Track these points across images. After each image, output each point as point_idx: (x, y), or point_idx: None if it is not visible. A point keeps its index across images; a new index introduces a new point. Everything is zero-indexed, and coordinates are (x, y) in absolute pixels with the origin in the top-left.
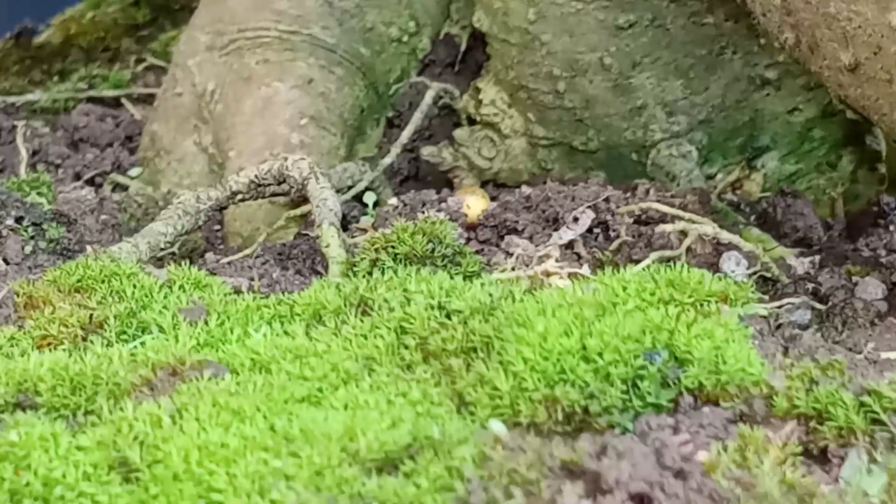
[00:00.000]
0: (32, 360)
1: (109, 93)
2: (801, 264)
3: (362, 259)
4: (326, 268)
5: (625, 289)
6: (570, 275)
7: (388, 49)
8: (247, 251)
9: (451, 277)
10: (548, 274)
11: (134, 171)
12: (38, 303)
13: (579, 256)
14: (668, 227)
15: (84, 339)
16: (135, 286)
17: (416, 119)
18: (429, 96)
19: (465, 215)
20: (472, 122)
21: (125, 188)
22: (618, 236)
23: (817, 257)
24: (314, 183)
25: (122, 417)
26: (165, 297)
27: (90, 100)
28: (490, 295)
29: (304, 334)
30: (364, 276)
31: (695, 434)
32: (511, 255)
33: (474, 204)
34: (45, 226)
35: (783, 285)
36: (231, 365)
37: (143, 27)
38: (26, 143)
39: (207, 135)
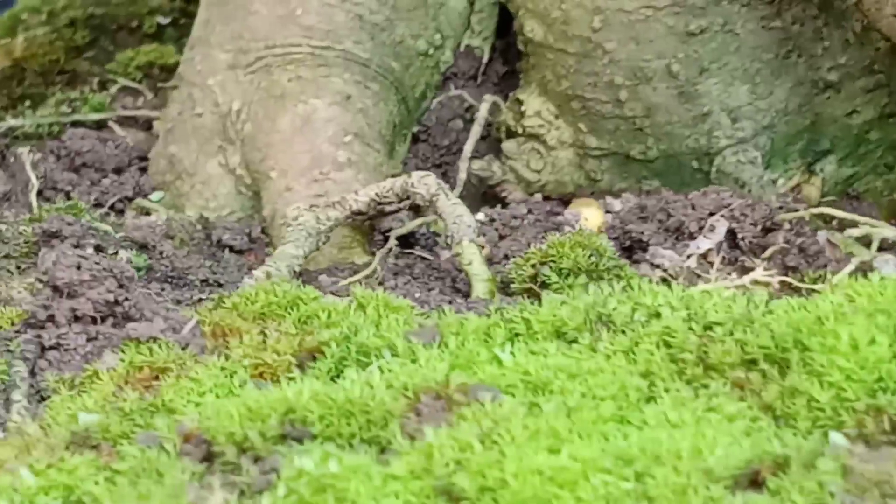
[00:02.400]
0: (292, 389)
1: (95, 116)
2: None
3: (520, 274)
4: (469, 286)
5: (882, 294)
6: (780, 283)
7: (415, 63)
8: (364, 272)
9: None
10: (756, 283)
11: (155, 196)
12: (226, 331)
13: (712, 265)
14: (854, 232)
15: (299, 367)
16: (327, 311)
17: (476, 132)
18: (484, 108)
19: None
20: (510, 134)
21: (146, 213)
22: (748, 244)
23: None
24: (444, 199)
25: (427, 444)
26: (367, 320)
27: (73, 124)
28: (753, 305)
29: (556, 352)
30: (581, 291)
31: None
32: (657, 266)
33: (592, 216)
34: (121, 253)
35: None
36: (499, 386)
37: (86, 48)
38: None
39: (234, 155)
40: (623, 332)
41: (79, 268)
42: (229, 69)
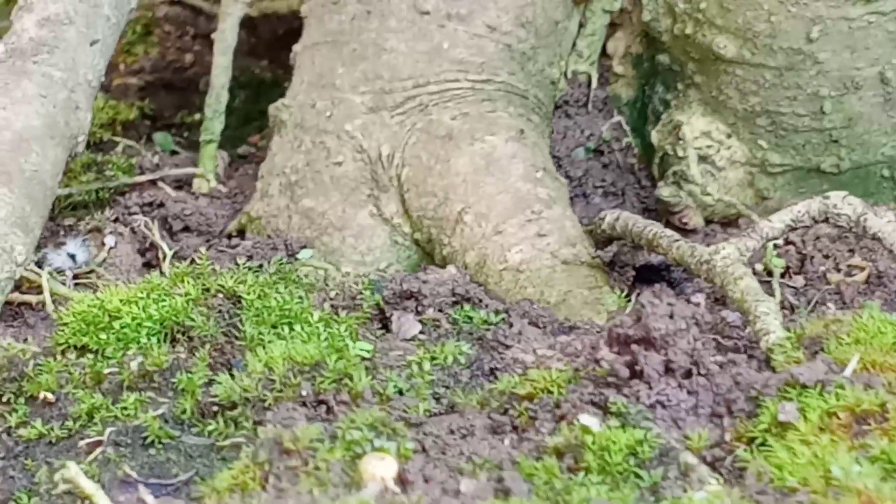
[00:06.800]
0: None
1: (142, 178)
2: None
3: None
4: None
5: None
6: None
7: (548, 91)
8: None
9: None
10: None
11: (303, 254)
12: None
13: None
14: None
15: None
16: None
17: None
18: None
19: None
20: (664, 159)
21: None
22: None
23: None
24: (875, 219)
25: None
26: None
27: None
28: None
29: None
30: None
31: None
32: None
33: None
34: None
35: None
36: None
37: None
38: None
39: (390, 203)
40: None
41: (671, 317)
42: (371, 112)
